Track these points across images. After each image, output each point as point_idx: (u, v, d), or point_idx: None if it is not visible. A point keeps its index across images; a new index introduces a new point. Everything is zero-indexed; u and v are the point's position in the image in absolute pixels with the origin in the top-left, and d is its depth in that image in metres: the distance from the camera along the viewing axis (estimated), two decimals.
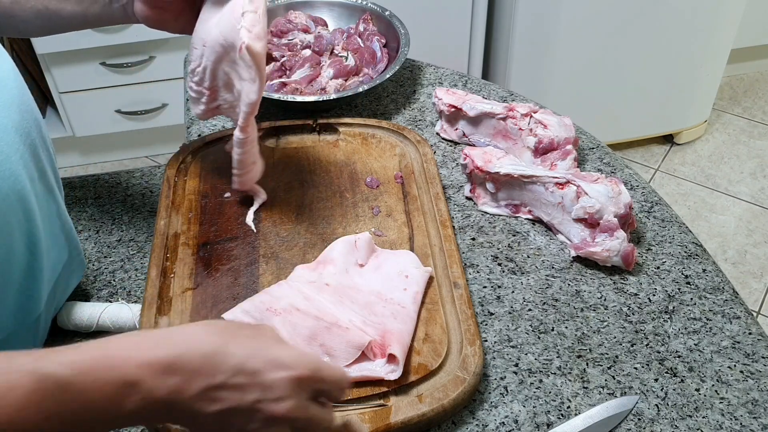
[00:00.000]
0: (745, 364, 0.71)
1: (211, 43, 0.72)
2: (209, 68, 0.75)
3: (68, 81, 1.98)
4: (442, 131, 1.01)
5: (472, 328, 0.70)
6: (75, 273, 0.78)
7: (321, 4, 1.17)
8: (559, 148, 0.90)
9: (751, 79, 2.61)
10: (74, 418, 0.42)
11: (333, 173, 0.90)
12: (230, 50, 0.71)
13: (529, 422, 0.67)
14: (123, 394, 0.43)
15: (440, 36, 1.92)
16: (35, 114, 0.67)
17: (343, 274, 0.75)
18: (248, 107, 0.73)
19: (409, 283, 0.74)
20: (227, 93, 0.78)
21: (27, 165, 0.64)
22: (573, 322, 0.76)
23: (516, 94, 1.08)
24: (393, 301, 0.72)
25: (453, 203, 0.90)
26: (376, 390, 0.65)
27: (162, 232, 0.80)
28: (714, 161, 2.27)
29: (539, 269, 0.81)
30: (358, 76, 1.07)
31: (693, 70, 2.08)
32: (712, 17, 1.95)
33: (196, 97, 0.79)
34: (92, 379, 0.42)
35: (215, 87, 0.77)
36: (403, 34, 1.09)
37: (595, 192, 0.80)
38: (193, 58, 0.75)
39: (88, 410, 0.43)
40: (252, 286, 0.75)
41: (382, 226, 0.83)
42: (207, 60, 0.74)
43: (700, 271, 0.81)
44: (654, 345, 0.73)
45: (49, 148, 0.70)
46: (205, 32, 0.73)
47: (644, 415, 0.67)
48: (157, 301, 0.73)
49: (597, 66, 1.99)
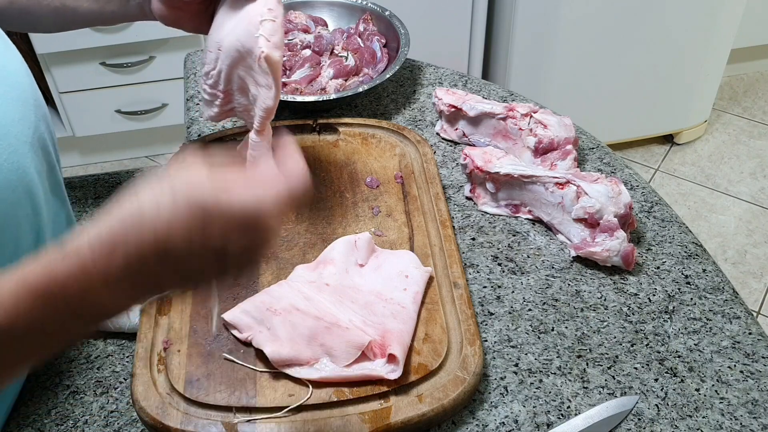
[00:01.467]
0: (745, 364, 0.71)
1: (227, 47, 0.72)
2: (224, 72, 0.75)
3: (68, 81, 1.98)
4: (442, 131, 1.01)
5: (472, 328, 0.70)
6: None
7: (321, 4, 1.17)
8: (559, 148, 0.90)
9: (751, 79, 2.61)
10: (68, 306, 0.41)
11: (333, 173, 0.90)
12: (246, 56, 0.70)
13: (529, 422, 0.67)
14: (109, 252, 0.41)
15: (440, 36, 1.92)
16: (44, 109, 0.67)
17: (343, 274, 0.75)
18: (264, 112, 0.73)
19: (409, 283, 0.74)
20: (242, 97, 0.77)
21: (36, 158, 0.64)
22: (573, 322, 0.76)
23: (516, 94, 1.08)
24: (393, 301, 0.72)
25: (453, 203, 0.90)
26: (376, 390, 0.65)
27: None
28: (714, 161, 2.27)
29: (539, 269, 0.81)
30: (358, 76, 1.07)
31: (693, 70, 2.08)
32: (712, 17, 1.95)
33: (210, 100, 0.79)
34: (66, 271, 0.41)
35: (230, 90, 0.77)
36: (403, 34, 1.09)
37: (595, 192, 0.80)
38: (208, 61, 0.75)
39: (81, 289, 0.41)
40: (252, 286, 0.75)
41: (382, 226, 0.83)
42: (222, 64, 0.74)
43: (700, 271, 0.81)
44: (654, 345, 0.73)
45: (56, 144, 0.70)
46: (220, 36, 0.72)
47: (644, 415, 0.67)
48: (157, 301, 0.73)
49: (597, 66, 1.99)
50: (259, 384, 0.66)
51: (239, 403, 0.64)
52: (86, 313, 0.42)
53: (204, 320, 0.72)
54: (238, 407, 0.64)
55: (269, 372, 0.67)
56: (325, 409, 0.64)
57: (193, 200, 0.41)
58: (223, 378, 0.66)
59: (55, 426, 0.68)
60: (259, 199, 0.42)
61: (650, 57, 1.99)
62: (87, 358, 0.74)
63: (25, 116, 0.62)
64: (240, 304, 0.71)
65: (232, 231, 0.42)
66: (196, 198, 0.41)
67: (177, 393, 0.65)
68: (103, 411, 0.69)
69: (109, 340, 0.75)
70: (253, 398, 0.65)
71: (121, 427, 0.68)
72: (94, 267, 0.40)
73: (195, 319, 0.72)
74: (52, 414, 0.69)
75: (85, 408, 0.69)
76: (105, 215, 0.41)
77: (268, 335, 0.68)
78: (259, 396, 0.65)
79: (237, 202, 0.42)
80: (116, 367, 0.73)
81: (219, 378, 0.66)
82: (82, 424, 0.68)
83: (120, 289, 0.42)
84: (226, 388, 0.65)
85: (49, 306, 0.40)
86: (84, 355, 0.74)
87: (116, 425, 0.68)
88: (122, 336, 0.75)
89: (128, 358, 0.73)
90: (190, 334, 0.70)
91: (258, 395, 0.65)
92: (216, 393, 0.65)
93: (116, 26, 1.83)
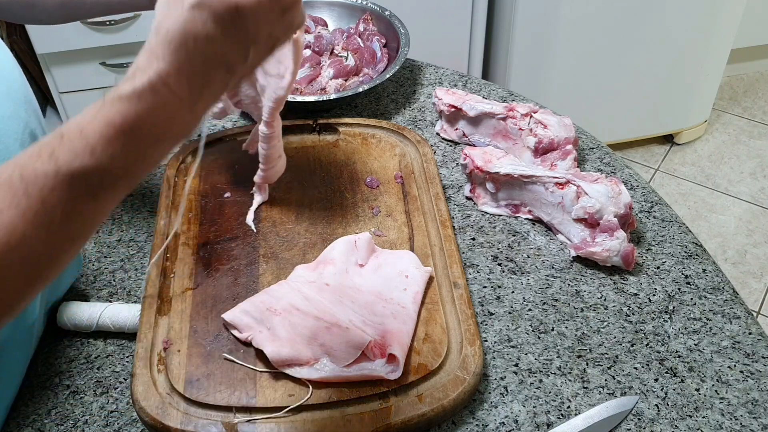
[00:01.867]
0: (745, 364, 0.71)
1: None
2: None
3: (68, 81, 1.98)
4: (442, 131, 1.01)
5: (472, 328, 0.70)
6: (69, 271, 0.78)
7: (321, 4, 1.17)
8: (559, 148, 0.90)
9: (751, 79, 2.61)
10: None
11: (333, 173, 0.90)
12: None
13: (529, 422, 0.67)
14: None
15: (440, 36, 1.92)
16: (35, 105, 0.66)
17: (343, 274, 0.75)
18: (275, 102, 0.72)
19: (409, 283, 0.74)
20: (249, 89, 0.76)
21: None
22: (573, 322, 0.76)
23: (516, 94, 1.08)
24: (393, 301, 0.72)
25: (453, 203, 0.90)
26: (376, 390, 0.65)
27: (162, 232, 0.80)
28: (714, 161, 2.27)
29: (539, 269, 0.81)
30: (358, 76, 1.07)
31: (693, 70, 2.08)
32: (712, 17, 1.95)
33: None
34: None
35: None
36: (403, 34, 1.09)
37: (595, 192, 0.80)
38: None
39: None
40: (252, 286, 0.75)
41: (382, 226, 0.83)
42: None
43: (700, 271, 0.81)
44: (654, 345, 0.73)
45: None
46: None
47: (644, 415, 0.67)
48: (157, 301, 0.73)
49: (597, 66, 1.99)
50: (259, 384, 0.66)
51: (239, 403, 0.64)
52: (172, 136, 0.45)
53: (204, 320, 0.72)
54: (238, 407, 0.64)
55: (269, 372, 0.67)
56: (325, 409, 0.64)
57: (225, 5, 0.42)
58: (223, 378, 0.66)
59: (55, 426, 0.68)
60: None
61: (650, 57, 1.99)
62: (87, 358, 0.74)
63: (15, 113, 0.62)
64: (240, 305, 0.71)
65: (273, 15, 0.44)
66: (227, 2, 0.42)
67: (177, 393, 0.65)
68: (103, 411, 0.69)
69: (109, 340, 0.75)
70: (253, 398, 0.65)
71: (121, 427, 0.68)
72: (172, 96, 0.42)
73: (195, 319, 0.72)
74: (52, 414, 0.69)
75: (85, 408, 0.69)
76: (152, 49, 0.43)
77: (268, 335, 0.68)
78: (259, 396, 0.65)
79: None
80: (116, 367, 0.73)
81: (219, 378, 0.66)
82: (82, 424, 0.68)
83: (200, 99, 0.44)
84: (226, 388, 0.65)
85: (140, 143, 0.43)
86: (84, 355, 0.74)
87: (116, 425, 0.68)
88: (122, 336, 0.75)
89: (128, 358, 0.73)
90: (190, 334, 0.70)
91: (258, 395, 0.65)
92: (216, 393, 0.65)
93: (116, 26, 1.83)
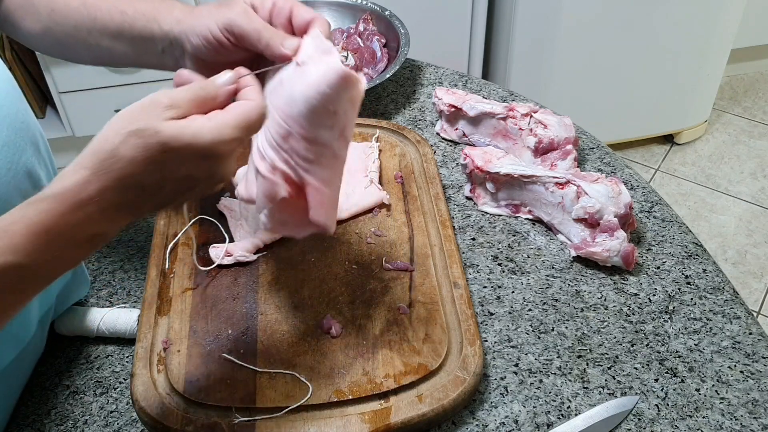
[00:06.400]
0: (746, 365, 0.71)
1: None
2: None
3: (68, 81, 1.98)
4: (442, 131, 1.01)
5: (472, 328, 0.70)
6: (76, 292, 0.77)
7: (321, 4, 1.17)
8: (559, 148, 0.90)
9: (751, 79, 2.61)
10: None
11: None
12: None
13: (529, 422, 0.67)
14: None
15: (440, 36, 1.92)
16: (32, 128, 0.64)
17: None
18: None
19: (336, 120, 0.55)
20: None
21: (20, 185, 0.61)
22: (573, 322, 0.76)
23: (516, 94, 1.08)
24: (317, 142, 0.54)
25: (453, 203, 0.90)
26: (376, 390, 0.65)
27: (162, 232, 0.80)
28: (714, 161, 2.27)
29: (539, 269, 0.81)
30: None
31: (693, 70, 2.08)
32: (712, 17, 1.95)
33: None
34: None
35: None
36: (403, 34, 1.09)
37: (595, 192, 0.80)
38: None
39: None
40: (252, 286, 0.75)
41: (382, 225, 0.83)
42: None
43: (701, 271, 0.81)
44: (654, 345, 0.73)
45: (48, 165, 0.68)
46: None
47: (644, 415, 0.67)
48: (157, 301, 0.73)
49: (597, 66, 1.99)
50: (258, 384, 0.66)
51: (239, 403, 0.64)
52: (88, 240, 0.48)
53: (203, 320, 0.72)
54: (238, 407, 0.64)
55: (269, 372, 0.67)
56: (324, 409, 0.64)
57: (156, 139, 0.47)
58: (223, 378, 0.66)
59: (55, 426, 0.68)
60: (216, 127, 0.48)
61: (650, 57, 1.99)
62: (87, 358, 0.74)
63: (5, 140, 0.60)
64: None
65: (195, 160, 0.48)
66: (158, 137, 0.47)
67: (177, 393, 0.65)
68: (103, 411, 0.69)
69: (109, 340, 0.75)
70: (253, 398, 0.65)
71: (121, 427, 0.68)
72: (88, 202, 0.47)
73: (195, 319, 0.72)
74: (52, 414, 0.69)
75: (85, 408, 0.69)
76: (82, 158, 0.49)
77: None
78: (259, 396, 0.65)
79: (196, 136, 0.47)
80: (116, 367, 0.73)
81: (219, 378, 0.66)
82: (81, 425, 0.68)
83: (113, 214, 0.48)
84: (226, 388, 0.65)
85: (58, 241, 0.46)
86: (84, 355, 0.74)
87: (116, 425, 0.68)
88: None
89: (128, 359, 0.73)
90: (189, 334, 0.70)
91: (258, 395, 0.65)
92: (216, 393, 0.65)
93: None
